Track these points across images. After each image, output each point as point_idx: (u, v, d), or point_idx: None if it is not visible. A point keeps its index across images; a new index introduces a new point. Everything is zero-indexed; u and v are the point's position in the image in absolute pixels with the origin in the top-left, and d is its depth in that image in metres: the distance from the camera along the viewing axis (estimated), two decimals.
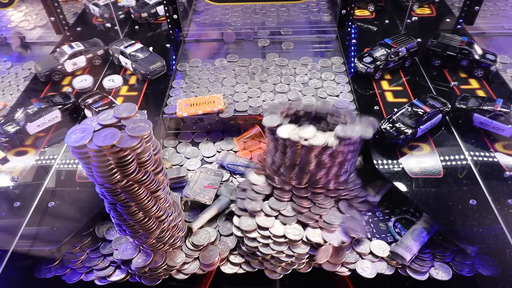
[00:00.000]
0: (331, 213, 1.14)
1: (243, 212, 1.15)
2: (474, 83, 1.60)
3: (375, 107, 1.49)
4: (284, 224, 1.12)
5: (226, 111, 1.51)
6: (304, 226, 1.13)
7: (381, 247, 1.16)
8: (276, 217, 1.14)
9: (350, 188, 1.17)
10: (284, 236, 1.10)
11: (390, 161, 1.28)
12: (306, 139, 1.01)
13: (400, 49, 1.63)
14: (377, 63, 1.60)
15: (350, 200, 1.18)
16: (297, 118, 1.19)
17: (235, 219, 1.16)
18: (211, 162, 1.45)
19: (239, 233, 1.15)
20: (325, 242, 1.09)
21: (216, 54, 1.88)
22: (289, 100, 1.56)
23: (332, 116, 1.15)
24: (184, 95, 1.63)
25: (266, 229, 1.11)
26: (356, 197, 1.19)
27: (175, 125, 1.58)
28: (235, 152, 1.48)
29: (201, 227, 1.20)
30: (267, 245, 1.11)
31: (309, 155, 1.03)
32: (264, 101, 1.57)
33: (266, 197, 1.18)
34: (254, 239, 1.11)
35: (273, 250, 1.10)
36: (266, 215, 1.13)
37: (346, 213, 1.15)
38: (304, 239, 1.10)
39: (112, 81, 1.69)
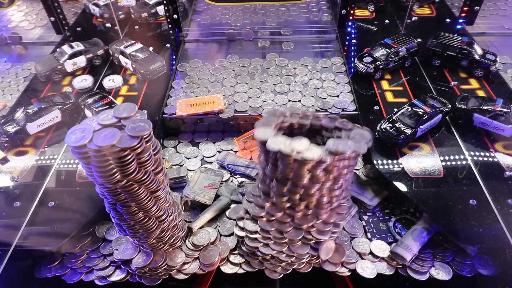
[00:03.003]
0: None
1: (247, 214, 1.14)
2: (474, 83, 1.60)
3: (375, 107, 1.49)
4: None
5: (226, 111, 1.51)
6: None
7: (381, 248, 1.16)
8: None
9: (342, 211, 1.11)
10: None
11: (390, 161, 1.28)
12: (298, 152, 0.92)
13: (400, 49, 1.63)
14: (377, 63, 1.60)
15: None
16: (291, 131, 1.11)
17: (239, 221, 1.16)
18: (211, 162, 1.45)
19: (240, 233, 1.15)
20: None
21: (216, 54, 1.88)
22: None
23: (327, 130, 1.07)
24: (184, 95, 1.63)
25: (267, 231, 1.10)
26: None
27: (175, 125, 1.58)
28: (235, 152, 1.48)
29: (201, 227, 1.20)
30: (267, 245, 1.11)
31: (302, 169, 0.95)
32: (264, 101, 1.57)
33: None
34: (255, 239, 1.11)
35: (273, 250, 1.11)
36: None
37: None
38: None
39: (112, 81, 1.69)
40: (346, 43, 1.89)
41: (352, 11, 1.96)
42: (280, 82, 1.67)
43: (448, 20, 2.03)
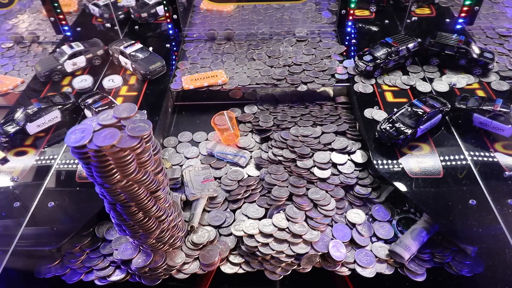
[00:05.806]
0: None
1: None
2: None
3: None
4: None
5: (229, 83, 1.65)
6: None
7: (382, 247, 1.16)
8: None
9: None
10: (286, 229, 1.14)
11: (390, 161, 1.28)
12: None
13: (400, 48, 1.63)
14: (377, 61, 1.60)
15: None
16: None
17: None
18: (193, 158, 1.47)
19: (238, 233, 1.15)
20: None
21: (215, 53, 1.89)
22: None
23: None
24: (189, 74, 1.71)
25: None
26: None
27: (182, 99, 1.73)
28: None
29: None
30: (266, 244, 1.12)
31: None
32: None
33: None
34: (252, 237, 1.11)
35: (273, 250, 1.11)
36: None
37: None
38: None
39: (112, 81, 1.69)
40: (346, 43, 1.89)
41: (352, 11, 1.96)
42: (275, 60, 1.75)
43: (447, 20, 2.03)
